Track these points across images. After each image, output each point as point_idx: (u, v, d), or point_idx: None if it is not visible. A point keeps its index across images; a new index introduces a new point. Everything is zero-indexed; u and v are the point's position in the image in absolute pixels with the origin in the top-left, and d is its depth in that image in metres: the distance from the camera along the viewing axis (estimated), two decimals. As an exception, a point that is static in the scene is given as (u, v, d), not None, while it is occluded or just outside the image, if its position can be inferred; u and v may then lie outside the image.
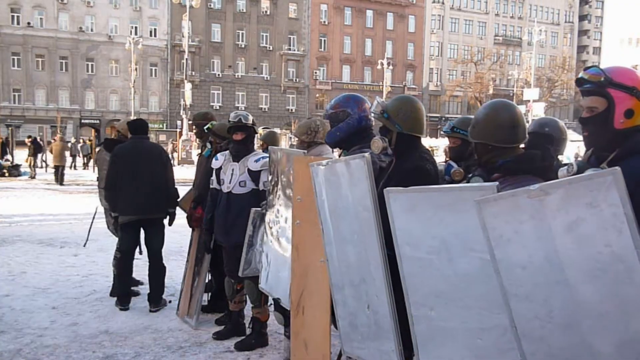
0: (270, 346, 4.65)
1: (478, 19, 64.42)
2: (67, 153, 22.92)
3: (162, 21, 51.36)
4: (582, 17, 73.47)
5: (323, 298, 3.14)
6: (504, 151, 2.53)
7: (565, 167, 2.20)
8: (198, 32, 51.16)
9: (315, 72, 56.06)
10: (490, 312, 2.20)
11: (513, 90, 56.78)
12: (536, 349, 2.10)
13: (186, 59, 35.91)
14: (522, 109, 33.13)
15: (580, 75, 2.23)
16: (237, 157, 4.64)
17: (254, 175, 4.55)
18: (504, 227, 2.05)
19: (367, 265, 2.68)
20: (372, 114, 3.02)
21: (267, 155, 4.09)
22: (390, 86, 52.96)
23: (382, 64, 49.19)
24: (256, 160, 4.57)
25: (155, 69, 51.96)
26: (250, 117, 4.71)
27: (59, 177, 20.30)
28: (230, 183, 4.59)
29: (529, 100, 40.46)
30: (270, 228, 3.85)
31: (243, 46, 53.59)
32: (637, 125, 2.13)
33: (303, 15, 55.16)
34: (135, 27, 50.64)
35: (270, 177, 3.85)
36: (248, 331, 4.78)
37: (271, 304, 4.49)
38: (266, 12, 53.78)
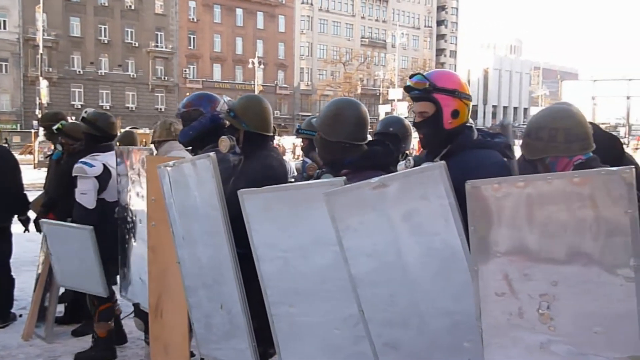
0: (133, 354, 4.47)
1: (345, 21, 66.50)
2: None
3: (13, 12, 47.13)
4: (440, 22, 78.57)
5: (181, 300, 3.09)
6: (351, 148, 2.61)
7: (404, 161, 2.35)
8: (55, 26, 47.60)
9: (185, 71, 54.61)
10: (345, 302, 2.29)
11: (379, 90, 59.46)
12: (381, 331, 2.22)
13: (41, 54, 33.27)
14: (387, 108, 34.68)
15: (407, 83, 2.37)
16: None
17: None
18: (350, 218, 2.15)
19: (218, 265, 2.67)
20: (219, 113, 3.01)
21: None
22: (262, 85, 53.10)
23: (253, 63, 49.14)
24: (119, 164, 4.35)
25: (6, 65, 47.58)
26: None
27: None
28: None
29: (393, 100, 42.59)
30: (126, 231, 3.71)
31: (106, 42, 50.78)
32: (464, 123, 2.33)
33: (170, 11, 53.46)
34: (-19, 19, 46.08)
35: (119, 178, 3.71)
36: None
37: (130, 314, 4.33)
38: (130, 6, 51.39)
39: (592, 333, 1.72)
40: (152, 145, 4.23)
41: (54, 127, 4.92)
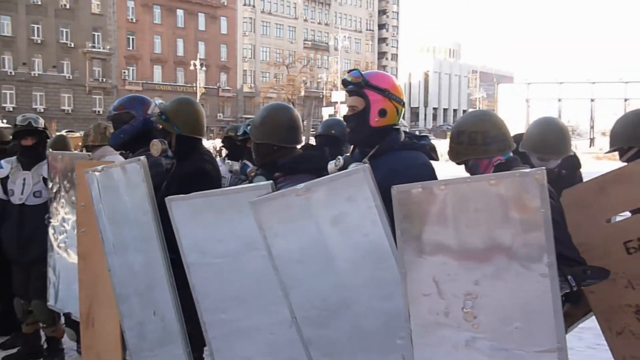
0: (66, 365, 4.32)
1: (288, 24, 66.56)
2: None
3: (-63, 10, 44.77)
4: (381, 26, 79.82)
5: (113, 308, 3.02)
6: (285, 151, 2.64)
7: (334, 161, 2.39)
8: (-17, 24, 45.52)
9: (124, 72, 53.20)
10: (278, 306, 2.30)
11: (323, 93, 59.78)
12: (316, 335, 2.24)
13: (-32, 54, 31.71)
14: (330, 110, 34.84)
15: (344, 77, 2.43)
16: (28, 165, 4.19)
17: None
18: (278, 226, 2.15)
19: (151, 271, 2.63)
20: (151, 116, 2.98)
21: None
22: (204, 87, 52.42)
23: (194, 65, 48.41)
24: None
25: None
26: (41, 121, 4.31)
27: None
28: (22, 194, 4.13)
29: (337, 102, 42.89)
30: (56, 239, 3.59)
31: (40, 42, 48.81)
32: (391, 124, 2.38)
33: (108, 11, 51.97)
34: None
35: (51, 184, 3.59)
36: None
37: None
38: (65, 5, 49.60)
39: (513, 329, 1.79)
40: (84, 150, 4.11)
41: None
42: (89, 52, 50.93)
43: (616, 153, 2.82)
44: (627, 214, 2.57)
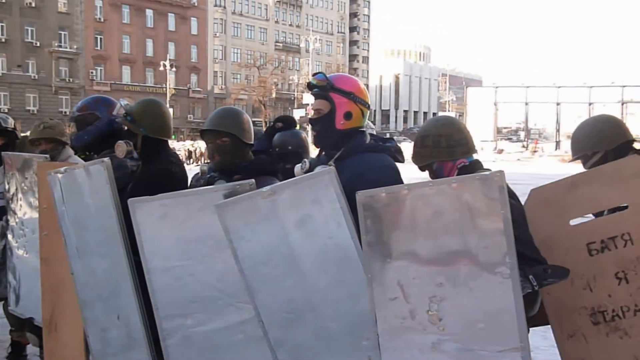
0: (29, 371, 4.22)
1: (259, 25, 66.38)
2: None
3: None
4: (352, 29, 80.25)
5: (77, 313, 2.96)
6: (243, 152, 2.69)
7: (300, 164, 2.40)
8: (-55, 22, 44.27)
9: (92, 72, 52.30)
10: (247, 304, 2.28)
11: (294, 95, 59.78)
12: (282, 337, 2.23)
13: None
14: (301, 112, 34.91)
15: (309, 80, 2.44)
16: None
17: None
18: (243, 229, 2.14)
19: (115, 276, 2.59)
20: (116, 117, 2.94)
21: None
22: (174, 88, 51.91)
23: (164, 66, 47.91)
24: None
25: None
26: (11, 121, 4.21)
27: None
28: None
29: (308, 104, 42.95)
30: (16, 242, 3.51)
31: (4, 40, 47.65)
32: (357, 127, 2.40)
33: (75, 10, 51.03)
34: None
35: (7, 186, 3.51)
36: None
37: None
38: (31, 3, 48.54)
39: (478, 329, 1.82)
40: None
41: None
42: (56, 51, 49.94)
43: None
44: (591, 216, 2.61)
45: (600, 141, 2.75)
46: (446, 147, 2.39)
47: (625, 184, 2.38)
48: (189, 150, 34.73)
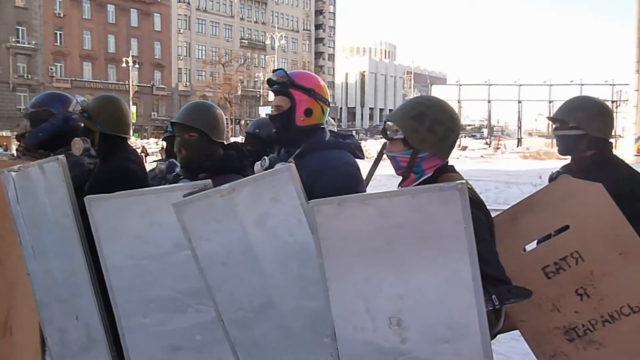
0: (-17, 378, 4.11)
1: (224, 22, 65.84)
2: None
3: None
4: (318, 26, 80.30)
5: (33, 316, 2.90)
6: (211, 149, 2.64)
7: (260, 162, 2.38)
8: None
9: (52, 69, 51.03)
10: (206, 306, 2.26)
11: (260, 92, 59.52)
12: (243, 337, 2.21)
13: None
14: (267, 109, 34.91)
15: (269, 76, 2.43)
16: None
17: None
18: (202, 228, 2.11)
19: (73, 275, 2.54)
20: (72, 114, 2.88)
21: None
22: (138, 85, 51.07)
23: (127, 62, 47.12)
24: None
25: None
26: None
27: None
28: None
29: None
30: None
31: (-42, 35, 46.22)
32: (317, 124, 2.40)
33: (33, 4, 49.66)
34: None
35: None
36: None
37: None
38: (-14, -2, 47.14)
39: (442, 344, 1.78)
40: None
41: None
42: (13, 47, 48.54)
43: (549, 140, 2.79)
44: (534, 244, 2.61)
45: (593, 126, 2.66)
46: (440, 140, 2.09)
47: (561, 206, 2.42)
48: (144, 147, 34.41)
